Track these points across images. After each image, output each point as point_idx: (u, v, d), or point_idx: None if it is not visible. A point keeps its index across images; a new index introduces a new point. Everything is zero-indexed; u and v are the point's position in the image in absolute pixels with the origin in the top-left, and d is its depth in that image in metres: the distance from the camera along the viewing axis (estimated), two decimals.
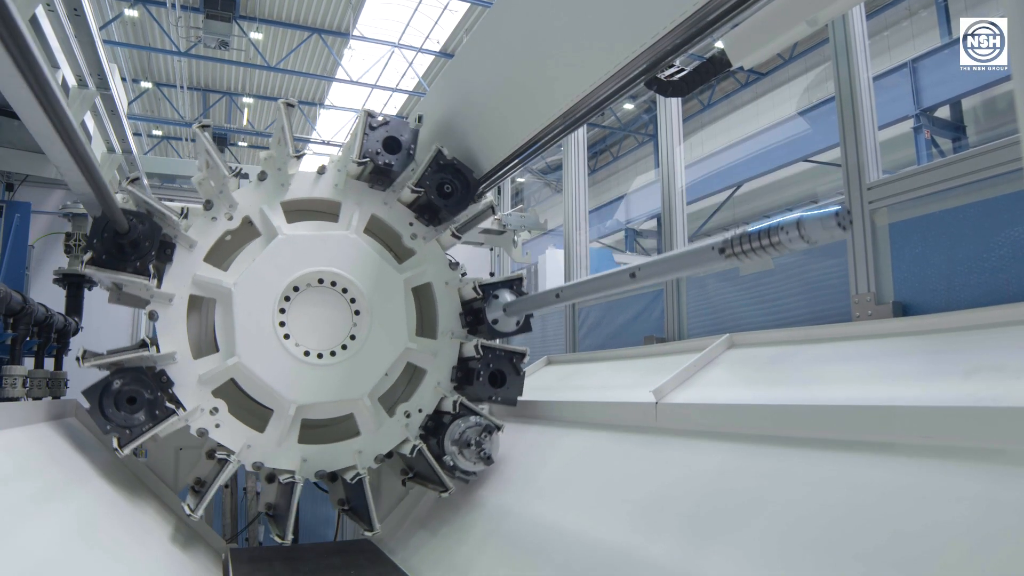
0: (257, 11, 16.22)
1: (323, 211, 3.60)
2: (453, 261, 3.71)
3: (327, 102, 20.63)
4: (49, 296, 5.14)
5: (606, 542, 2.42)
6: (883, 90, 9.81)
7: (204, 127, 3.30)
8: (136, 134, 19.30)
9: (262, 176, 3.41)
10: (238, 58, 17.48)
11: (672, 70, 2.56)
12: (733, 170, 14.08)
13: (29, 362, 4.42)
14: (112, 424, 2.99)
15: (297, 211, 3.54)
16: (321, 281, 3.37)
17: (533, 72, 3.00)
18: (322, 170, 3.53)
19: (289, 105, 3.38)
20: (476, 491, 3.55)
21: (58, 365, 4.81)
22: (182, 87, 19.15)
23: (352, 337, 3.40)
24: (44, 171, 5.67)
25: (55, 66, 3.55)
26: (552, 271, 10.24)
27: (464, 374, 3.59)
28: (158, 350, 3.12)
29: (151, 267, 3.13)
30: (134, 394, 3.02)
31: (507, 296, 3.58)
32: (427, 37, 17.35)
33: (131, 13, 15.32)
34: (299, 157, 3.47)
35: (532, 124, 3.15)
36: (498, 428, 3.58)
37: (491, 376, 3.54)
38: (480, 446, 3.39)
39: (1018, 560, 1.38)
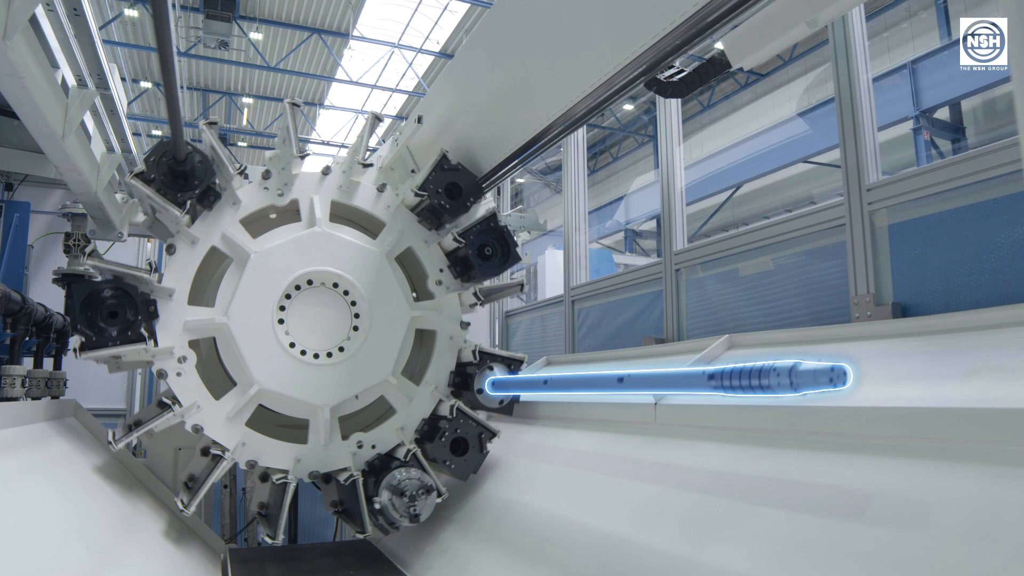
0: (257, 11, 16.21)
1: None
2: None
3: (327, 102, 20.62)
4: (48, 296, 5.14)
5: (605, 542, 2.42)
6: (883, 91, 9.82)
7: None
8: (136, 134, 19.29)
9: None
10: (238, 58, 17.47)
11: (672, 71, 2.56)
12: (733, 171, 14.08)
13: (28, 362, 4.43)
14: (83, 327, 3.00)
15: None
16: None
17: (533, 73, 3.00)
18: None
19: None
20: (475, 491, 3.55)
21: (57, 365, 4.81)
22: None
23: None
24: (43, 171, 5.67)
25: (55, 66, 3.55)
26: (552, 272, 10.25)
27: (430, 428, 3.57)
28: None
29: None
30: (117, 309, 3.04)
31: (500, 372, 3.57)
32: (427, 38, 17.35)
33: (131, 13, 15.31)
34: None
35: (532, 124, 3.15)
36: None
37: (454, 442, 3.50)
38: (413, 502, 3.25)
39: (1017, 560, 1.38)
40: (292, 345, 3.29)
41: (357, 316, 3.41)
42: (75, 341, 3.02)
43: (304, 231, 3.43)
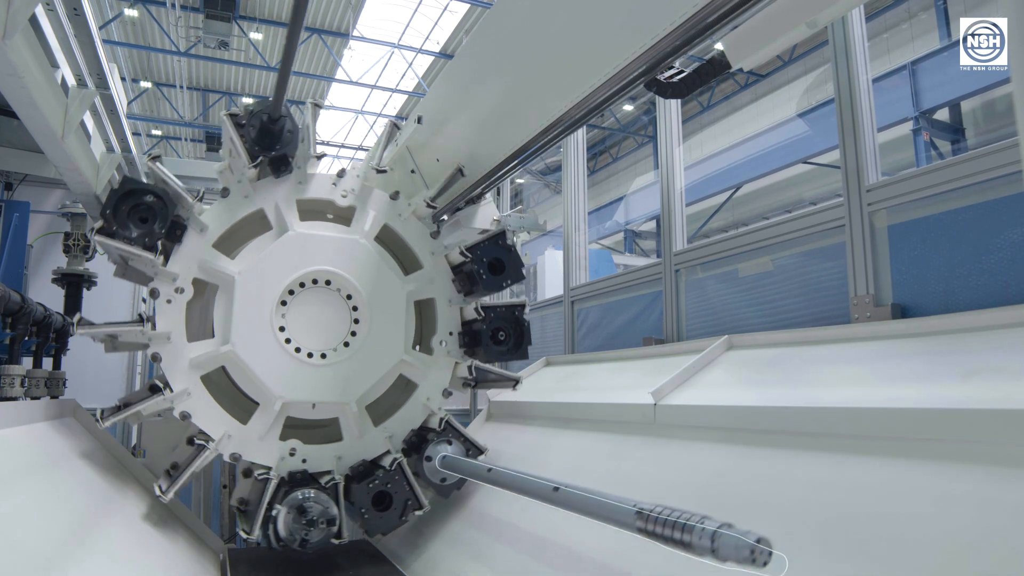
0: (257, 11, 16.22)
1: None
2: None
3: (327, 102, 20.63)
4: (48, 296, 5.14)
5: (605, 543, 2.42)
6: (882, 92, 9.83)
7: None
8: (136, 134, 19.30)
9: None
10: (238, 58, 17.48)
11: (672, 71, 2.56)
12: (732, 172, 14.10)
13: (28, 362, 4.42)
14: (110, 223, 3.04)
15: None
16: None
17: (533, 73, 3.00)
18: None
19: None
20: (475, 491, 3.55)
21: (56, 365, 4.81)
22: (182, 87, 19.15)
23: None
24: (43, 171, 5.67)
25: (54, 65, 3.55)
26: (551, 272, 10.25)
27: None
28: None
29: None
30: (148, 215, 3.10)
31: (455, 450, 3.48)
32: (427, 38, 17.35)
33: (131, 13, 15.32)
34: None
35: (531, 125, 3.15)
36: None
37: (378, 495, 3.37)
38: (310, 527, 3.11)
39: (1015, 560, 1.38)
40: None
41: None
42: (92, 234, 3.05)
43: (346, 236, 3.46)
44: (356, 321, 3.41)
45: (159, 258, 3.17)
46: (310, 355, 3.32)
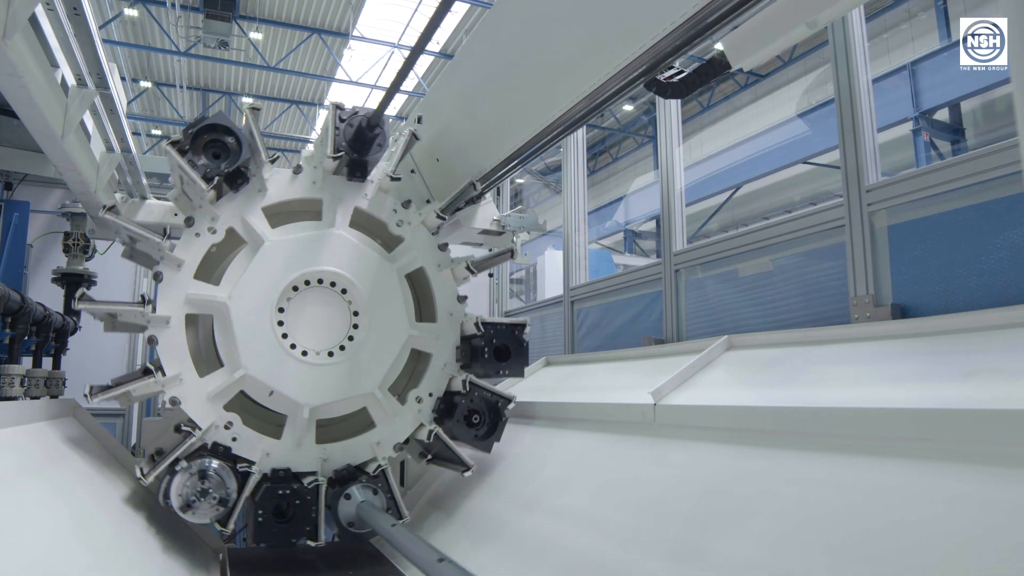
0: (257, 11, 16.21)
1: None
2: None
3: (326, 102, 20.63)
4: (47, 295, 5.14)
5: (605, 543, 2.42)
6: (882, 92, 9.82)
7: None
8: (135, 133, 19.29)
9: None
10: (238, 58, 17.47)
11: (671, 72, 2.56)
12: (732, 172, 14.10)
13: (27, 361, 4.42)
14: (186, 142, 3.20)
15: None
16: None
17: (533, 73, 3.00)
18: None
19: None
20: (474, 490, 3.55)
21: (56, 364, 4.81)
22: (182, 87, 19.14)
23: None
24: (43, 170, 5.66)
25: (54, 65, 3.54)
26: (551, 272, 10.24)
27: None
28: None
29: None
30: (222, 153, 3.23)
31: (359, 495, 3.35)
32: None
33: (131, 12, 15.30)
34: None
35: (532, 125, 3.15)
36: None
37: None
38: (201, 496, 3.05)
39: (1016, 560, 1.38)
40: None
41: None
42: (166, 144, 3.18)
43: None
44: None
45: (211, 192, 3.22)
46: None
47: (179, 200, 3.40)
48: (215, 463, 3.12)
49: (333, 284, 3.39)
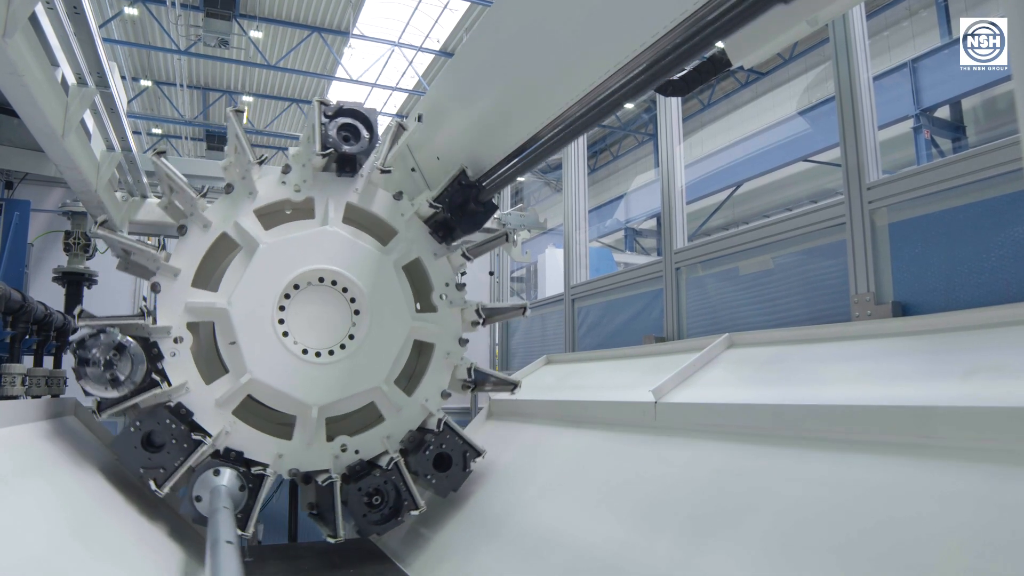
0: (257, 9, 16.20)
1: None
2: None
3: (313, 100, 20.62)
4: (48, 294, 5.13)
5: (605, 541, 2.42)
6: (883, 90, 9.81)
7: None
8: (136, 132, 19.30)
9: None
10: (238, 57, 17.46)
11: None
12: (733, 170, 14.09)
13: (28, 360, 4.42)
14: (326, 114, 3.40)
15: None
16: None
17: (533, 71, 3.00)
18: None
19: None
20: (475, 490, 3.55)
21: (57, 363, 4.80)
22: (182, 85, 19.13)
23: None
24: (44, 169, 5.66)
25: (54, 64, 3.54)
26: (552, 270, 10.24)
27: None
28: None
29: None
30: (351, 136, 3.44)
31: (227, 479, 3.20)
32: (427, 36, 17.33)
33: (131, 11, 15.30)
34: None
35: (532, 123, 3.15)
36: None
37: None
38: (109, 368, 2.99)
39: (1017, 559, 1.38)
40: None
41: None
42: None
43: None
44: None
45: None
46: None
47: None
48: (130, 343, 3.04)
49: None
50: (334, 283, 3.39)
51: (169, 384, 3.13)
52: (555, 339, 6.56)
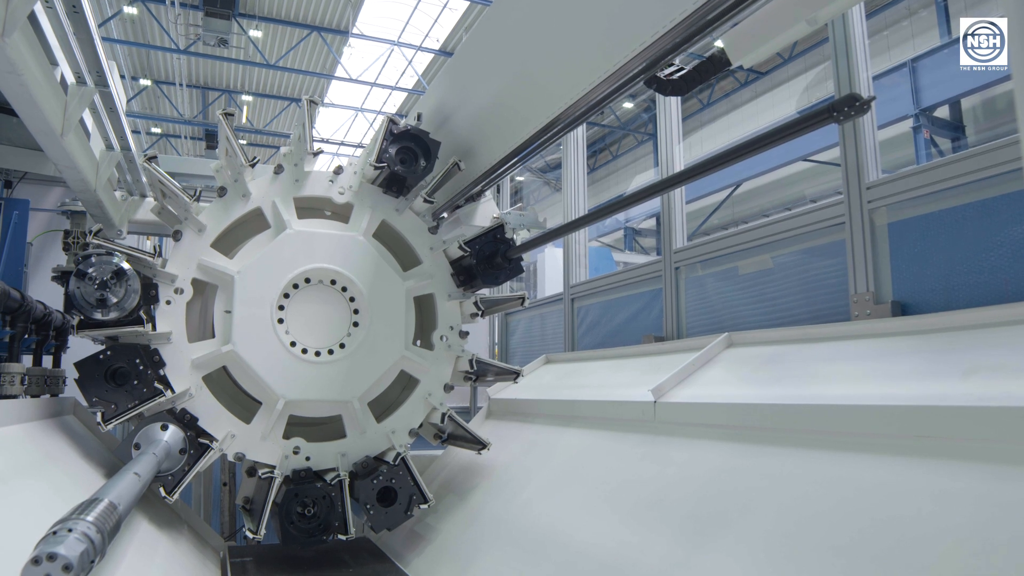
0: (256, 9, 16.19)
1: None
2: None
3: (326, 100, 20.63)
4: (47, 294, 5.13)
5: (605, 540, 2.42)
6: (882, 89, 9.82)
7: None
8: (135, 132, 19.30)
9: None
10: (237, 56, 17.45)
11: (671, 69, 2.55)
12: (732, 169, 14.05)
13: (27, 360, 4.42)
14: (389, 140, 3.45)
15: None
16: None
17: (533, 70, 3.00)
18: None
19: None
20: (474, 490, 3.55)
21: (56, 363, 4.80)
22: (181, 85, 19.12)
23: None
24: (43, 168, 5.66)
25: (54, 63, 3.54)
26: (551, 269, 10.24)
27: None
28: None
29: None
30: (407, 159, 3.51)
31: (171, 435, 3.12)
32: (426, 35, 17.33)
33: (130, 10, 15.30)
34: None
35: (531, 122, 3.14)
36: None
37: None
38: (102, 288, 2.93)
39: (1016, 559, 1.38)
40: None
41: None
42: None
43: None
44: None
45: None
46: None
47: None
48: (134, 272, 3.01)
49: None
50: (344, 289, 3.39)
51: (154, 329, 3.11)
52: (554, 338, 6.56)
